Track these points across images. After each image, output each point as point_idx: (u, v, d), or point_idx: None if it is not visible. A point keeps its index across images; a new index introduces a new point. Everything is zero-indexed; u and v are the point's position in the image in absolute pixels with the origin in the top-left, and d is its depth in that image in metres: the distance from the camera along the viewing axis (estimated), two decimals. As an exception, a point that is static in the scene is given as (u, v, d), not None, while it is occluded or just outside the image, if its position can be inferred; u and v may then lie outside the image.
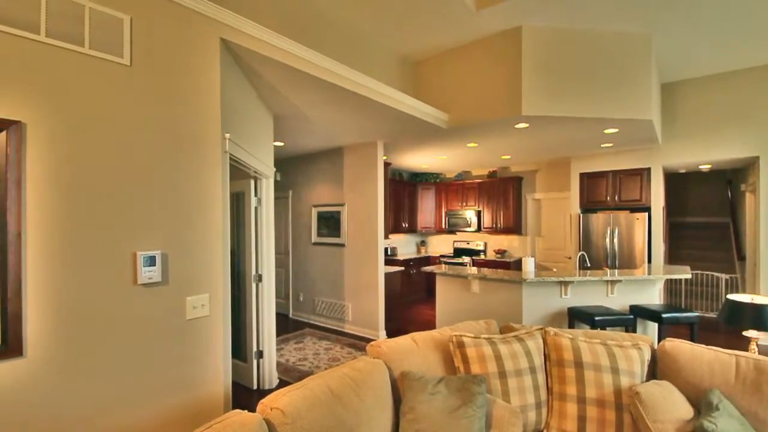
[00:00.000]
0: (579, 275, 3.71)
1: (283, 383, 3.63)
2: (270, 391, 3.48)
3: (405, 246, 8.22)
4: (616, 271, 4.05)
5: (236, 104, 2.58)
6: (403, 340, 2.14)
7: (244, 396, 3.40)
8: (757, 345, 2.39)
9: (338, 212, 5.39)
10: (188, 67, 2.00)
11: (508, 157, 6.32)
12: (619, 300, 3.86)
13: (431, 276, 7.61)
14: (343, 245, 5.33)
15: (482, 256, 7.56)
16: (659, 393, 1.75)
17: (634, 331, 3.56)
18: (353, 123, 4.09)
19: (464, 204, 7.76)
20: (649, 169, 5.57)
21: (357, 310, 5.19)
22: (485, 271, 4.12)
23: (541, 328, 2.17)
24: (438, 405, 1.73)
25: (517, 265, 7.05)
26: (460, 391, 1.78)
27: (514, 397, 1.90)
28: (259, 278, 3.50)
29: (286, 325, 5.63)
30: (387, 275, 5.23)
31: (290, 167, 6.10)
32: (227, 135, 2.24)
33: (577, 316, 3.57)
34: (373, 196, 4.99)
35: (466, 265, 7.21)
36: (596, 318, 3.32)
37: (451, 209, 7.91)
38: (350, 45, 3.76)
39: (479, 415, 1.70)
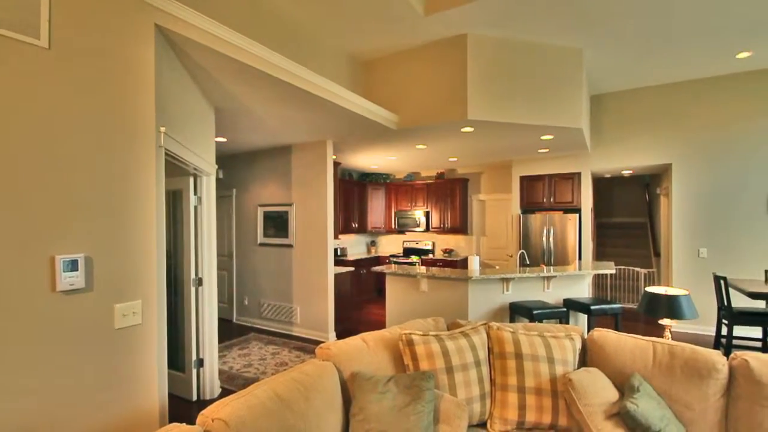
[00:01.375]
0: (519, 272, 3.93)
1: (226, 392, 3.45)
2: (212, 401, 3.29)
3: (355, 246, 8.20)
4: (552, 267, 4.34)
5: (173, 96, 2.41)
6: (353, 341, 2.12)
7: (183, 408, 3.19)
8: (671, 332, 2.68)
9: (286, 212, 5.24)
10: (118, 53, 1.83)
11: (455, 159, 6.54)
12: (554, 294, 4.15)
13: (381, 276, 7.66)
14: (291, 246, 5.19)
15: (431, 256, 7.75)
16: (589, 379, 1.89)
17: (567, 322, 3.83)
18: (302, 121, 4.00)
19: (413, 204, 7.91)
20: (579, 174, 6.05)
21: (306, 312, 5.08)
22: (433, 270, 4.22)
23: (485, 324, 2.26)
24: (388, 403, 1.74)
25: (464, 263, 7.32)
26: (409, 389, 1.81)
27: (461, 390, 1.96)
28: (199, 282, 3.30)
29: (229, 331, 5.36)
30: (337, 276, 5.18)
31: (234, 165, 5.83)
32: (162, 129, 2.09)
33: (517, 311, 3.78)
34: (323, 196, 4.92)
35: (416, 265, 7.35)
36: (534, 312, 3.54)
37: (401, 209, 8.03)
38: (298, 42, 3.67)
39: (428, 411, 1.73)
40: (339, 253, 7.30)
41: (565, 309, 3.71)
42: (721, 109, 5.16)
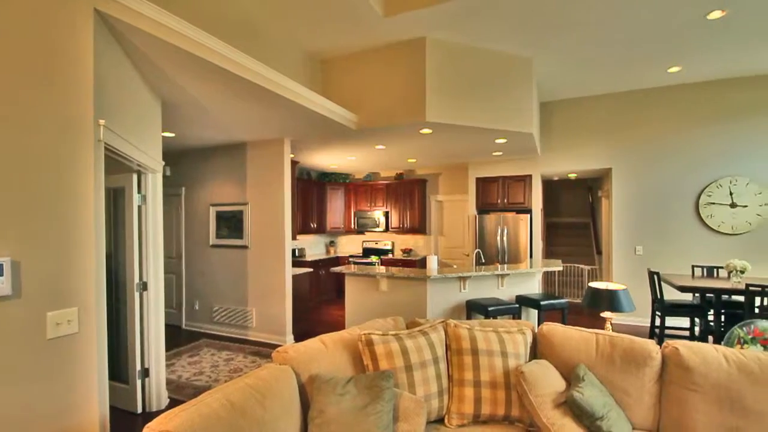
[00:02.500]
0: (475, 271, 4.06)
1: (174, 403, 3.25)
2: (159, 413, 3.09)
3: (314, 247, 8.07)
4: (506, 266, 4.52)
5: (115, 87, 2.24)
6: (312, 343, 2.08)
7: (127, 422, 2.97)
8: (611, 324, 2.88)
9: (240, 212, 5.05)
10: (52, 38, 1.67)
11: (414, 160, 6.63)
12: (507, 291, 4.32)
13: (341, 276, 7.60)
14: (246, 247, 5.01)
15: (390, 256, 7.80)
16: (539, 371, 1.98)
17: (520, 317, 4.01)
18: (257, 118, 3.87)
19: (373, 205, 7.93)
20: (530, 176, 6.35)
21: (262, 315, 4.92)
22: (393, 269, 4.25)
23: (443, 321, 2.31)
24: (347, 405, 1.72)
25: (423, 263, 7.44)
26: (369, 389, 1.80)
27: (419, 388, 1.98)
28: (144, 286, 3.09)
29: (178, 338, 5.08)
30: (295, 277, 5.07)
31: (184, 162, 5.53)
32: (101, 121, 1.93)
33: (473, 308, 3.89)
34: (280, 196, 4.79)
35: (375, 265, 7.36)
36: (489, 308, 3.67)
37: (360, 210, 8.01)
38: (253, 37, 3.55)
39: (387, 410, 1.73)
40: (297, 254, 7.16)
41: (517, 305, 3.88)
42: (655, 119, 5.64)
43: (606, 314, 2.77)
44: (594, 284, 2.85)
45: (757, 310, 3.79)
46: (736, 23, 3.72)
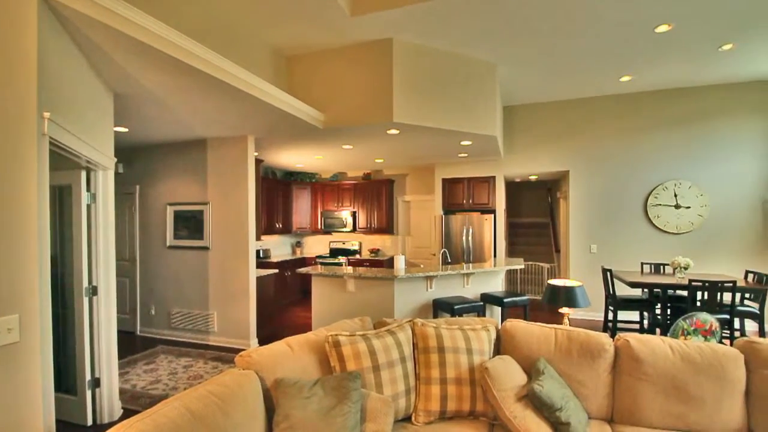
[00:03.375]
0: (442, 270, 4.12)
1: (129, 413, 3.07)
2: (111, 424, 2.90)
3: (279, 247, 7.90)
4: (471, 265, 4.63)
5: (62, 78, 2.08)
6: (277, 346, 2.03)
7: (74, 437, 2.77)
8: (569, 319, 3.01)
9: (201, 211, 4.85)
10: (-16, 18, 1.52)
11: (382, 160, 6.65)
12: (472, 289, 4.42)
13: (307, 277, 7.46)
14: (207, 248, 4.82)
15: (358, 256, 7.77)
16: (502, 366, 2.04)
17: (484, 315, 4.11)
18: (218, 114, 3.74)
19: (340, 205, 7.87)
20: (494, 177, 6.55)
21: (224, 319, 4.75)
22: (360, 270, 4.24)
23: (410, 321, 2.32)
24: (314, 407, 1.70)
25: (390, 263, 7.47)
26: (336, 390, 1.78)
27: (387, 387, 1.99)
28: (94, 291, 2.90)
29: (132, 345, 4.81)
30: (259, 279, 4.93)
31: (138, 158, 5.24)
32: (46, 114, 1.79)
33: (440, 307, 3.96)
34: (243, 195, 4.65)
35: (342, 265, 7.31)
36: (455, 307, 3.74)
37: (327, 210, 7.93)
38: (216, 31, 3.43)
39: (354, 411, 1.72)
40: (262, 255, 6.97)
41: (482, 303, 3.98)
42: (609, 125, 5.97)
43: (564, 310, 2.90)
44: (553, 282, 2.98)
45: (698, 304, 4.11)
46: (681, 37, 4.01)
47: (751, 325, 5.01)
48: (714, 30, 3.86)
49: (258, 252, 6.89)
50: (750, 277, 4.51)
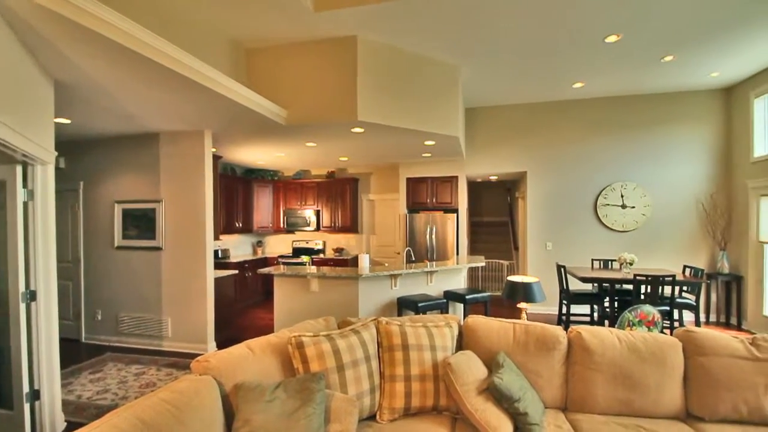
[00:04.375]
0: (406, 268, 4.16)
1: (73, 426, 2.85)
2: (51, 440, 2.69)
3: (239, 247, 7.64)
4: (434, 263, 4.70)
5: (-8, 60, 1.89)
6: (237, 350, 1.96)
7: (7, 456, 2.53)
8: (527, 313, 3.14)
9: (152, 210, 4.59)
10: None
11: (346, 158, 6.60)
12: (436, 287, 4.49)
13: (269, 278, 7.28)
14: (159, 248, 4.57)
15: (321, 255, 7.68)
16: (464, 361, 2.09)
17: (447, 311, 4.20)
18: (172, 106, 3.54)
19: (303, 203, 7.74)
20: (457, 177, 6.69)
21: (179, 323, 4.53)
22: (324, 269, 4.19)
23: (374, 319, 2.32)
24: (276, 411, 1.65)
25: (355, 262, 7.44)
26: (299, 392, 1.74)
27: (351, 387, 1.97)
28: (32, 296, 2.66)
29: (77, 353, 4.47)
30: (218, 280, 4.75)
31: (83, 153, 4.87)
32: (-26, 100, 1.61)
33: (404, 305, 3.99)
34: (200, 192, 4.44)
35: (306, 265, 7.19)
36: (419, 304, 3.78)
37: (290, 208, 7.77)
38: (168, 18, 3.25)
39: (318, 412, 1.69)
40: (220, 255, 6.71)
41: (445, 300, 4.06)
42: (564, 128, 6.28)
43: (522, 305, 3.02)
44: (512, 278, 3.09)
45: (642, 297, 4.41)
46: (628, 47, 4.29)
47: (688, 316, 5.46)
48: (657, 42, 4.16)
49: (216, 252, 6.63)
50: (687, 271, 4.91)
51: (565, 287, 5.08)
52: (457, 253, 6.58)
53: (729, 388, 2.01)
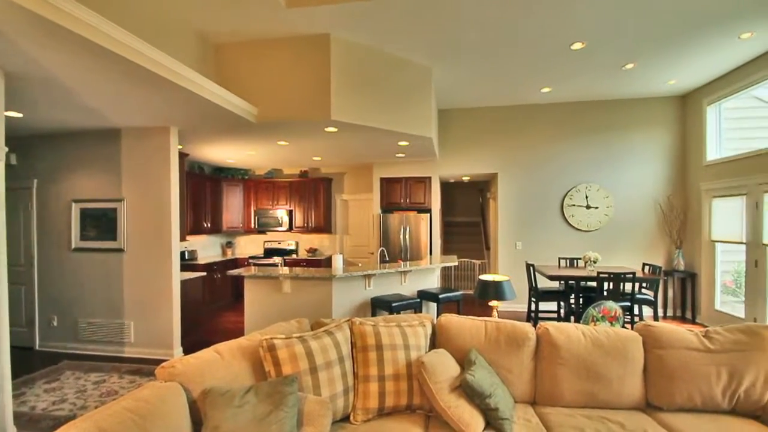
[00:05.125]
0: (380, 269, 4.16)
1: (23, 441, 2.67)
2: (-1, 457, 2.51)
3: (207, 248, 7.41)
4: (408, 263, 4.73)
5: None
6: (205, 354, 1.89)
7: (-52, 476, 2.33)
8: (498, 311, 3.21)
9: (113, 209, 4.37)
10: None
11: (319, 158, 6.53)
12: (410, 287, 4.52)
13: (239, 280, 7.10)
14: (121, 250, 4.35)
15: (294, 256, 7.57)
16: (437, 359, 2.11)
17: (421, 311, 4.23)
18: (134, 101, 3.38)
19: (275, 203, 7.59)
20: (430, 178, 6.77)
21: (143, 328, 4.33)
22: (297, 270, 4.12)
23: (348, 320, 2.30)
24: (246, 416, 1.61)
25: (328, 262, 7.37)
26: (270, 396, 1.70)
27: (324, 389, 1.95)
28: (-21, 302, 2.47)
29: (30, 361, 4.19)
30: (185, 283, 4.58)
31: (36, 149, 4.58)
32: None
33: (378, 305, 3.99)
34: (165, 191, 4.27)
35: (278, 266, 7.06)
36: (393, 304, 3.79)
37: (261, 208, 7.61)
38: (129, 9, 3.10)
39: (291, 416, 1.66)
40: (187, 257, 6.49)
41: (418, 299, 4.09)
42: (533, 131, 6.47)
43: (493, 303, 3.08)
44: (483, 277, 3.15)
45: (605, 293, 4.61)
46: (592, 55, 4.47)
47: (647, 311, 5.75)
48: (619, 50, 4.36)
49: (183, 253, 6.40)
50: (646, 268, 5.18)
51: (534, 285, 5.24)
52: (431, 253, 6.65)
53: (685, 379, 2.12)
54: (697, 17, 3.65)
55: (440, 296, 4.12)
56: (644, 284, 4.97)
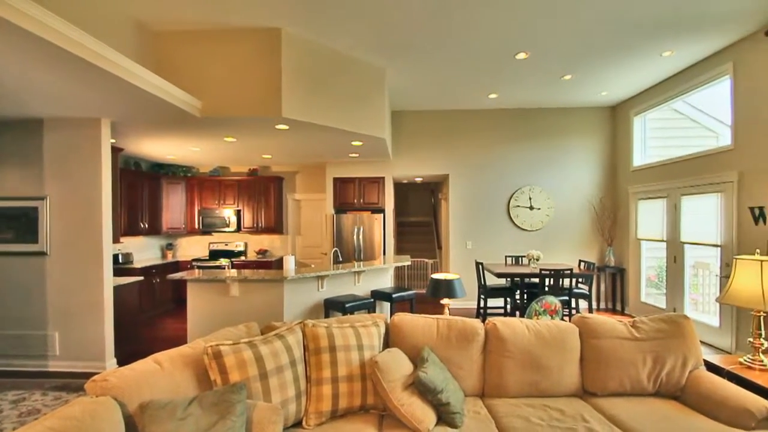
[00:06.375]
0: (333, 269, 4.11)
1: None
2: None
3: (145, 251, 6.89)
4: (362, 263, 4.72)
5: None
6: (142, 365, 1.75)
7: None
8: (449, 309, 3.30)
9: (35, 209, 3.92)
10: None
11: (270, 156, 6.32)
12: (363, 287, 4.51)
13: (182, 284, 6.67)
14: (43, 254, 3.92)
15: (243, 258, 7.26)
16: (391, 358, 2.12)
17: (374, 311, 4.24)
18: (56, 88, 3.04)
19: (222, 202, 7.24)
20: (384, 178, 6.81)
21: (70, 339, 3.93)
22: (246, 272, 3.95)
23: (300, 322, 2.25)
24: (190, 429, 1.51)
25: (279, 264, 7.16)
26: (216, 406, 1.61)
27: (275, 394, 1.88)
28: None
29: (-73, 384, 3.64)
30: (118, 288, 4.22)
31: (-61, 140, 3.99)
32: None
33: (331, 306, 3.93)
34: (95, 189, 3.90)
35: (225, 268, 6.74)
36: (347, 305, 3.76)
37: (207, 207, 7.22)
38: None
39: (239, 425, 1.58)
40: (122, 260, 6.00)
41: (372, 299, 4.09)
42: (482, 135, 6.73)
43: (445, 301, 3.16)
44: (435, 276, 3.22)
45: (547, 288, 4.90)
46: (535, 65, 4.74)
47: (583, 304, 6.20)
48: (558, 62, 4.67)
49: (116, 257, 5.91)
50: (582, 265, 5.59)
51: (482, 282, 5.45)
52: (384, 253, 6.69)
53: (616, 366, 2.31)
54: (625, 36, 4.00)
55: (394, 296, 4.16)
56: (580, 279, 5.35)
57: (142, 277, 4.77)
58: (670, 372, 2.30)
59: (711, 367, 2.44)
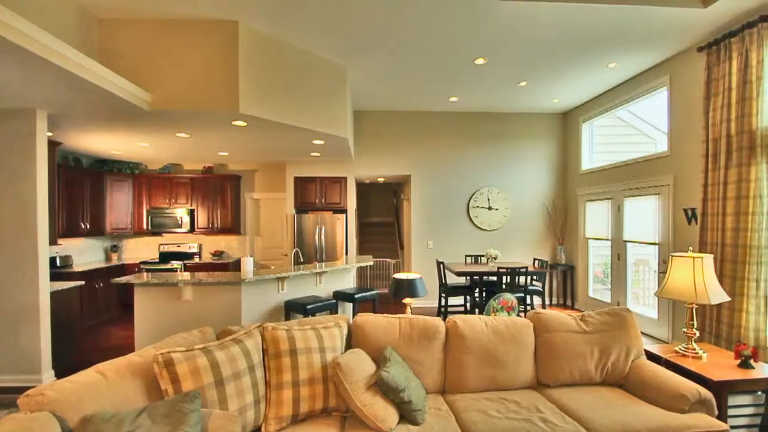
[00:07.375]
0: (294, 270, 4.02)
1: None
2: None
3: (86, 253, 6.40)
4: (323, 263, 4.65)
5: None
6: (84, 376, 1.62)
7: None
8: (411, 308, 3.33)
9: (-42, 208, 3.52)
10: None
11: (226, 154, 6.08)
12: (325, 288, 4.45)
13: (128, 288, 6.26)
14: (-32, 258, 3.52)
15: (197, 260, 6.92)
16: (353, 359, 2.10)
17: (337, 312, 4.19)
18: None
19: (173, 201, 6.87)
20: (346, 178, 6.76)
21: (0, 351, 3.56)
22: (200, 275, 3.77)
23: (259, 326, 2.18)
24: (137, 443, 1.41)
25: (237, 266, 6.90)
26: (168, 417, 1.52)
27: (233, 402, 1.81)
28: None
29: None
30: (56, 294, 3.88)
31: None
32: None
33: (292, 308, 3.85)
34: (29, 186, 3.56)
35: (177, 271, 6.40)
36: (308, 307, 3.69)
37: (156, 207, 6.81)
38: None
39: (192, 437, 1.50)
40: (59, 264, 5.53)
41: (334, 300, 4.04)
42: (443, 136, 6.86)
43: (407, 300, 3.18)
44: (397, 275, 3.24)
45: (504, 286, 5.09)
46: (493, 70, 4.90)
47: (537, 300, 6.50)
48: (514, 69, 4.86)
49: (54, 260, 5.44)
50: (536, 263, 5.85)
51: (443, 281, 5.56)
52: (347, 253, 6.64)
53: (567, 358, 2.44)
54: (574, 47, 4.24)
55: (356, 296, 4.14)
56: (535, 277, 5.60)
57: (83, 282, 4.41)
58: (615, 362, 2.46)
59: (651, 356, 2.64)
